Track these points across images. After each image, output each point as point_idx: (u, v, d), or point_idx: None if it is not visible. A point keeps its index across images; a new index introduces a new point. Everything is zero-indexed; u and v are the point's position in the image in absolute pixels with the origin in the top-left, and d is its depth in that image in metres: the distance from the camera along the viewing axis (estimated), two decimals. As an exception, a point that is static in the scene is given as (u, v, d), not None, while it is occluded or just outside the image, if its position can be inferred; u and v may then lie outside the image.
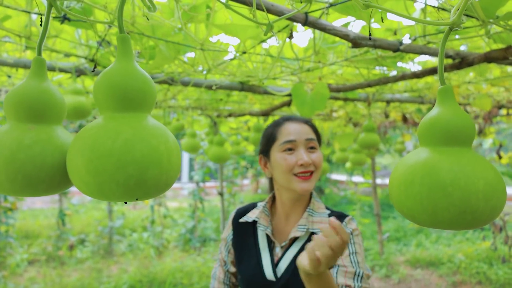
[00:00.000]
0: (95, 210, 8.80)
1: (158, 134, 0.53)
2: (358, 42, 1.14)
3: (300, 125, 1.25)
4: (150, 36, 1.13)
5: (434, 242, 6.11)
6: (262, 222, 1.26)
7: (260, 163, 1.34)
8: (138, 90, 0.54)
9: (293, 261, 1.16)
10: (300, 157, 1.18)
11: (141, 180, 0.49)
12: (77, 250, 5.67)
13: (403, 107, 3.28)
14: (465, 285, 4.46)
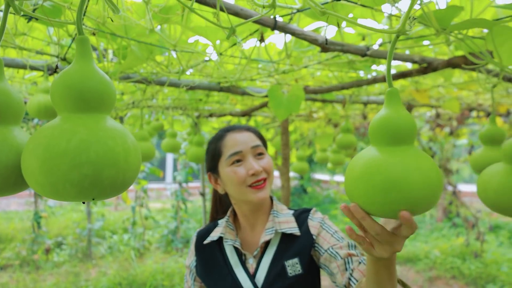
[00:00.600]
0: (73, 212, 8.64)
1: (115, 135, 0.54)
2: (326, 47, 1.17)
3: (243, 134, 1.21)
4: (122, 36, 1.13)
5: (412, 239, 6.27)
6: (228, 236, 1.21)
7: (211, 181, 1.28)
8: (95, 91, 0.54)
9: (271, 268, 1.13)
10: (249, 166, 1.14)
11: (96, 180, 0.50)
12: (54, 254, 5.54)
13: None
14: (440, 280, 4.61)
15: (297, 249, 1.15)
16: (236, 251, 1.20)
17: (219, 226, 1.27)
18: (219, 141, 1.21)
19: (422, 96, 2.29)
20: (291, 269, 1.12)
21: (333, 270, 1.08)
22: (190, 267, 1.29)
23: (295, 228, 1.18)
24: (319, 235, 1.16)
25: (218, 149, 1.20)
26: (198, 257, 1.26)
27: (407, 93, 2.38)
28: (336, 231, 1.17)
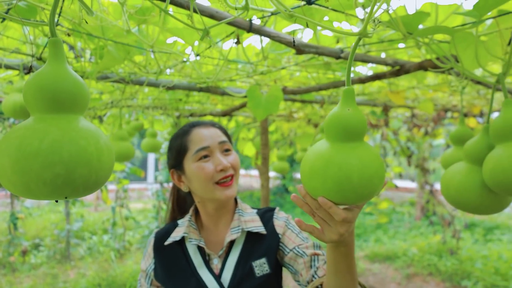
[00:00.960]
0: (51, 213, 8.46)
1: (87, 135, 0.55)
2: (301, 49, 1.20)
3: (210, 129, 1.18)
4: (99, 36, 1.14)
5: (391, 237, 6.41)
6: (192, 236, 1.16)
7: (173, 179, 1.22)
8: (68, 92, 0.56)
9: (237, 268, 1.11)
10: (218, 162, 1.12)
11: (69, 179, 0.52)
12: (31, 256, 5.43)
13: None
14: (417, 277, 4.73)
15: (264, 249, 1.15)
16: (200, 251, 1.16)
17: (180, 226, 1.22)
18: (184, 136, 1.17)
19: (398, 97, 2.36)
20: (258, 269, 1.11)
21: (297, 268, 1.08)
22: (147, 271, 1.21)
23: (261, 227, 1.17)
24: (284, 234, 1.17)
25: (184, 144, 1.15)
26: (158, 259, 1.19)
27: (383, 94, 2.45)
28: (300, 231, 1.18)
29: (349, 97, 0.68)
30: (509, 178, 0.78)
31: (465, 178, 0.93)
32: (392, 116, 4.07)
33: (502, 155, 0.81)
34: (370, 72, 2.20)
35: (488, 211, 0.91)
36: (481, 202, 0.89)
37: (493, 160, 0.82)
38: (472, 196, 0.90)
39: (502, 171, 0.79)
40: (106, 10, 1.06)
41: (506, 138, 0.82)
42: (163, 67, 1.36)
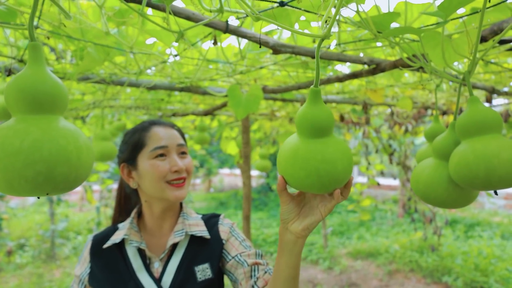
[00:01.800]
0: (36, 214, 8.33)
1: (67, 135, 0.58)
2: (277, 49, 1.23)
3: (169, 130, 1.17)
4: (78, 38, 1.15)
5: (374, 235, 6.51)
6: (133, 238, 1.13)
7: (123, 173, 1.18)
8: (47, 94, 0.58)
9: (178, 272, 1.10)
10: (173, 163, 1.11)
11: (49, 177, 0.54)
12: (16, 256, 5.36)
13: (340, 108, 3.48)
14: (399, 273, 4.82)
15: (208, 254, 1.14)
16: (140, 254, 1.13)
17: (121, 229, 1.18)
18: (143, 132, 1.15)
19: (376, 95, 2.41)
20: (201, 274, 1.11)
21: (238, 277, 1.07)
22: (81, 276, 1.14)
23: (205, 231, 1.17)
24: (228, 241, 1.17)
25: (142, 140, 1.13)
26: (94, 263, 1.13)
27: (362, 93, 2.50)
28: (244, 239, 1.19)
29: (316, 96, 0.74)
30: (472, 172, 0.82)
31: (433, 173, 0.97)
32: (373, 114, 4.14)
33: (466, 150, 0.85)
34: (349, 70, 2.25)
35: (455, 205, 0.96)
36: (448, 196, 0.94)
37: (458, 155, 0.87)
38: (439, 190, 0.95)
39: (465, 165, 0.83)
40: (85, 12, 1.08)
41: (471, 134, 0.87)
42: (143, 68, 1.38)
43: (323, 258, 5.36)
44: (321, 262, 5.27)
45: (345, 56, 1.46)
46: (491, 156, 0.78)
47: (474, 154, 0.81)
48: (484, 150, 0.80)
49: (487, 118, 0.84)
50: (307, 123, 0.72)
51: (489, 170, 0.78)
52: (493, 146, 0.80)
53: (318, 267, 5.13)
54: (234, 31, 1.13)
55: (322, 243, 5.77)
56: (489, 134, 0.83)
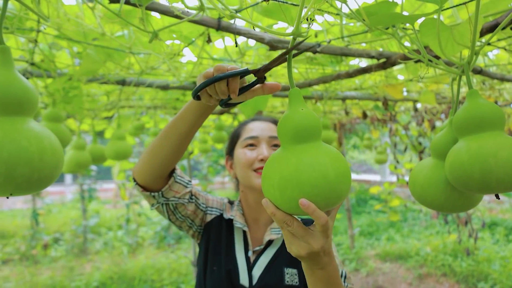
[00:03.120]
0: (72, 210, 8.73)
1: (29, 136, 0.60)
2: (274, 45, 1.19)
3: (265, 123, 1.23)
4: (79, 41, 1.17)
5: (405, 236, 6.27)
6: (238, 219, 1.21)
7: (226, 165, 1.29)
8: (13, 96, 0.60)
9: (267, 269, 1.11)
10: (260, 152, 1.15)
11: (9, 177, 0.55)
12: (52, 249, 5.64)
13: (363, 105, 3.37)
14: (430, 277, 4.59)
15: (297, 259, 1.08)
16: (243, 236, 1.20)
17: (233, 206, 1.29)
18: (241, 127, 1.26)
19: (396, 90, 2.31)
20: (288, 278, 1.09)
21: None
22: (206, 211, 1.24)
23: None
24: None
25: (238, 132, 1.24)
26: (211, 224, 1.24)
27: (381, 88, 2.40)
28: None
29: (295, 98, 0.68)
30: (467, 173, 0.74)
31: (430, 173, 0.90)
32: (400, 111, 3.98)
33: (461, 149, 0.77)
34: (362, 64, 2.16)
35: (454, 209, 0.88)
36: (446, 200, 0.86)
37: (452, 155, 0.79)
38: (437, 193, 0.87)
39: (460, 166, 0.75)
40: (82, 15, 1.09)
41: (468, 131, 0.78)
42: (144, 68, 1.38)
43: (350, 259, 5.22)
44: (347, 263, 5.14)
45: (350, 50, 1.40)
46: (487, 155, 0.70)
47: (468, 154, 0.73)
48: (479, 149, 0.72)
49: (486, 114, 0.76)
50: (289, 129, 0.65)
51: (485, 171, 0.69)
52: (491, 144, 0.71)
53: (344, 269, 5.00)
54: (226, 28, 1.10)
55: (349, 244, 5.63)
56: (488, 132, 0.75)
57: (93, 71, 1.36)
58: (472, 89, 0.86)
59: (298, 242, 0.69)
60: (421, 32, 0.95)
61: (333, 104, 3.25)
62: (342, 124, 4.68)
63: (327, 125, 2.63)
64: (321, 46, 1.28)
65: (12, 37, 1.34)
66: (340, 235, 6.36)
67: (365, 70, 1.61)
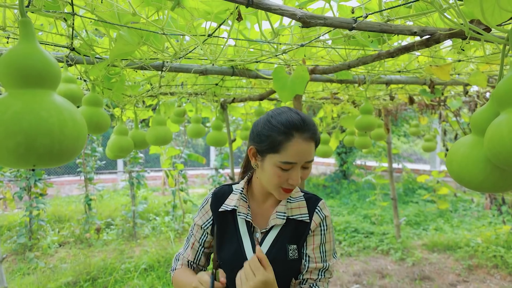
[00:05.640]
0: (124, 196, 9.21)
1: (50, 108, 0.60)
2: (307, 21, 1.16)
3: (308, 144, 1.13)
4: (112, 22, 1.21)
5: (454, 227, 5.98)
6: (241, 210, 1.24)
7: (249, 152, 1.22)
8: (33, 68, 0.61)
9: (272, 245, 1.19)
10: (292, 176, 1.13)
11: (31, 148, 0.57)
12: (104, 233, 6.00)
13: (409, 89, 3.22)
14: (480, 269, 4.37)
15: (298, 236, 1.21)
16: (246, 222, 1.25)
17: (234, 194, 1.30)
18: (285, 138, 1.11)
19: (443, 72, 2.17)
20: (291, 253, 1.18)
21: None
22: (203, 226, 1.30)
23: (306, 215, 1.22)
24: (313, 233, 1.21)
25: (279, 145, 1.11)
26: (215, 217, 1.28)
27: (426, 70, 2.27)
28: (326, 242, 1.22)
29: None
30: (507, 148, 0.68)
31: (469, 151, 0.84)
32: (450, 96, 3.75)
33: (501, 123, 0.71)
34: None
35: (495, 189, 0.82)
36: (485, 178, 0.80)
37: (492, 129, 0.73)
38: (475, 171, 0.82)
39: (499, 140, 0.70)
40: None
41: (509, 103, 0.72)
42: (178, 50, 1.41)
43: (395, 249, 5.07)
44: (392, 252, 5.00)
45: (389, 26, 1.33)
46: None
47: (508, 126, 0.68)
48: None
49: (529, 83, 0.69)
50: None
51: None
52: None
53: (388, 258, 4.88)
54: (257, 5, 1.09)
55: (395, 233, 5.46)
56: None
57: (127, 54, 1.39)
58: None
59: None
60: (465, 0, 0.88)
61: (377, 89, 3.13)
62: (388, 111, 4.50)
63: (370, 110, 2.54)
64: (357, 22, 1.23)
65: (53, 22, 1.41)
66: (386, 225, 6.18)
67: (407, 49, 1.53)
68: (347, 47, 1.75)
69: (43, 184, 5.44)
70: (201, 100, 3.45)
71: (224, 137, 2.84)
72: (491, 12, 0.89)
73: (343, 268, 4.58)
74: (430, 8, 1.33)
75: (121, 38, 1.21)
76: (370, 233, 5.81)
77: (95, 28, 1.54)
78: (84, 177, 6.15)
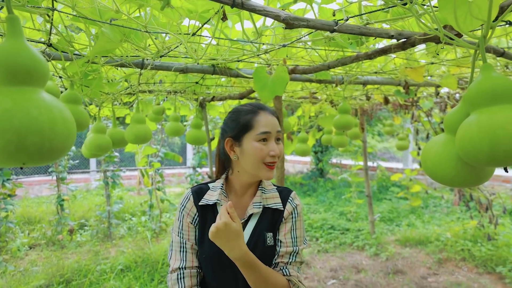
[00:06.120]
0: (97, 196, 9.00)
1: (40, 106, 0.60)
2: (290, 23, 1.18)
3: (273, 117, 1.31)
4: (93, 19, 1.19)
5: (425, 222, 6.21)
6: (223, 203, 1.33)
7: (226, 146, 1.33)
8: (21, 66, 0.60)
9: (252, 234, 1.28)
10: (272, 148, 1.26)
11: (21, 146, 0.57)
12: (77, 235, 5.84)
13: (384, 89, 3.31)
14: (449, 262, 4.58)
15: (273, 224, 1.31)
16: None
17: (212, 190, 1.37)
18: (253, 115, 1.28)
19: (417, 74, 2.25)
20: (268, 240, 1.28)
21: None
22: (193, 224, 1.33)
23: (279, 203, 1.33)
24: (285, 220, 1.32)
25: (251, 122, 1.27)
26: (199, 212, 1.33)
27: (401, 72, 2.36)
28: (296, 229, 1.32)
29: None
30: (476, 147, 0.74)
31: (442, 149, 0.90)
32: (422, 96, 3.89)
33: (471, 123, 0.76)
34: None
35: (465, 184, 0.88)
36: (456, 174, 0.86)
37: (463, 129, 0.79)
38: (447, 168, 0.87)
39: (469, 139, 0.75)
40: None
41: (480, 105, 0.78)
42: (161, 48, 1.40)
43: (370, 245, 5.22)
44: (367, 248, 5.14)
45: (368, 29, 1.37)
46: (497, 128, 0.69)
47: (478, 126, 0.73)
48: (489, 122, 0.71)
49: (498, 86, 0.75)
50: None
51: (494, 144, 0.69)
52: (500, 117, 0.71)
53: (364, 253, 5.01)
54: (242, 5, 1.11)
55: (369, 230, 5.61)
56: (499, 105, 0.74)
57: (108, 51, 1.37)
58: (486, 63, 0.84)
59: None
60: (439, 6, 0.94)
61: (354, 89, 3.21)
62: (364, 110, 4.62)
63: (348, 110, 2.60)
64: (338, 24, 1.27)
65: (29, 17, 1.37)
66: (361, 221, 6.34)
67: (384, 51, 1.59)
68: (327, 48, 1.79)
69: (12, 184, 5.24)
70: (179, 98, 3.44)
71: (204, 136, 2.84)
72: (463, 19, 0.95)
73: (320, 264, 4.67)
74: (407, 13, 1.38)
75: (104, 35, 1.20)
76: (346, 229, 5.95)
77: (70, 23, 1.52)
78: (56, 177, 5.96)
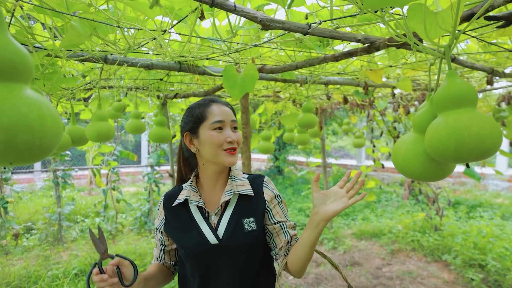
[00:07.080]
0: (44, 198, 8.47)
1: (29, 103, 0.57)
2: (267, 24, 1.20)
3: (226, 108, 1.40)
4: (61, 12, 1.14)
5: (379, 216, 6.55)
6: (193, 198, 1.39)
7: (185, 140, 1.42)
8: (7, 61, 0.57)
9: (229, 223, 1.34)
10: (228, 135, 1.35)
11: (10, 145, 0.54)
12: (24, 239, 5.48)
13: (344, 90, 3.44)
14: (401, 252, 4.89)
15: (253, 209, 1.37)
16: (200, 209, 1.38)
17: (184, 189, 1.43)
18: (205, 107, 1.37)
19: (376, 75, 2.37)
20: (247, 225, 1.33)
21: (277, 241, 1.37)
22: (158, 227, 1.46)
23: (250, 190, 1.39)
24: (272, 203, 1.41)
25: (204, 114, 1.35)
26: (168, 215, 1.42)
27: (363, 73, 2.46)
28: (283, 209, 1.44)
29: None
30: (444, 145, 0.82)
31: (411, 147, 0.98)
32: (378, 97, 4.09)
33: (440, 124, 0.85)
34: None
35: (431, 178, 0.97)
36: (424, 169, 0.94)
37: (432, 129, 0.87)
38: (416, 164, 0.96)
39: (438, 138, 0.83)
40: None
41: (446, 107, 0.86)
42: (132, 44, 1.37)
43: (328, 239, 5.41)
44: (325, 242, 5.32)
45: (338, 33, 1.43)
46: (462, 129, 0.78)
47: (446, 127, 0.81)
48: (455, 123, 0.80)
49: (462, 91, 0.84)
50: None
51: (459, 143, 0.78)
52: (465, 119, 0.79)
53: (322, 247, 5.18)
54: (220, 5, 1.11)
55: (327, 225, 5.81)
56: (463, 108, 0.83)
57: (76, 45, 1.32)
58: (451, 70, 0.92)
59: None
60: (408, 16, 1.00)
61: (316, 89, 3.30)
62: (323, 109, 4.76)
63: (311, 109, 2.67)
64: (311, 27, 1.31)
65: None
66: (317, 218, 6.54)
67: (351, 54, 1.65)
68: (296, 49, 1.83)
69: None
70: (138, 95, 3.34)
71: (168, 133, 2.79)
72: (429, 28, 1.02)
73: (280, 260, 4.76)
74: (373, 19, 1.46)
75: (73, 28, 1.15)
76: (305, 225, 6.10)
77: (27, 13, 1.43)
78: (0, 177, 5.55)
